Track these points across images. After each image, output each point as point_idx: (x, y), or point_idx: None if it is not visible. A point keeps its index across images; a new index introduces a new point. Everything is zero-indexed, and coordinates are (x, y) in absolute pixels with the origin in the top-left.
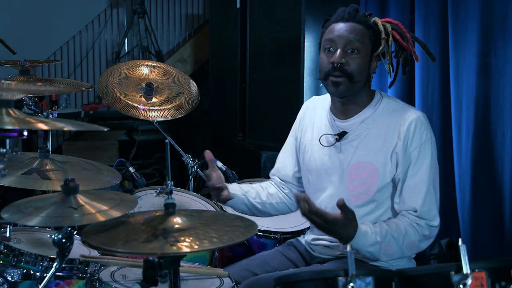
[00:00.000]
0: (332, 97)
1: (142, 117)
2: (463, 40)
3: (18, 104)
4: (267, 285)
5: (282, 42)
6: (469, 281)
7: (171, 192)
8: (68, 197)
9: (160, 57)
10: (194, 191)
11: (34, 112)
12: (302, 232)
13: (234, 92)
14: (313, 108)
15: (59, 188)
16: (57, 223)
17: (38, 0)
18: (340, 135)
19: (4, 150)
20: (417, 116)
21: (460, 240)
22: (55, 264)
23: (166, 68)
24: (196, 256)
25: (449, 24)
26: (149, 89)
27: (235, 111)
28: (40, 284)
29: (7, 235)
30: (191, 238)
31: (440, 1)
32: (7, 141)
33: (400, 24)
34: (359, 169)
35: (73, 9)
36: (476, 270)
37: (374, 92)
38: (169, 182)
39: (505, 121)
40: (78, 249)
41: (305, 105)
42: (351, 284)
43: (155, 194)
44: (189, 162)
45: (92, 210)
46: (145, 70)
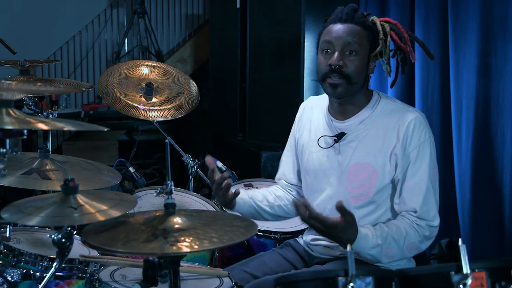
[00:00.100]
0: (330, 97)
1: (142, 117)
2: (463, 40)
3: (18, 104)
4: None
5: (282, 42)
6: (469, 281)
7: (171, 192)
8: (68, 197)
9: (160, 57)
10: (194, 191)
11: (34, 112)
12: (301, 232)
13: (234, 92)
14: (310, 109)
15: (59, 188)
16: (57, 223)
17: (38, 0)
18: (339, 136)
19: (4, 150)
20: (415, 116)
21: (460, 240)
22: (54, 264)
23: (166, 68)
24: (196, 256)
25: (449, 24)
26: (149, 89)
27: (235, 111)
28: (40, 284)
29: (7, 235)
30: (191, 238)
31: (440, 1)
32: (7, 141)
33: (398, 24)
34: (358, 171)
35: (73, 9)
36: (476, 270)
37: (372, 92)
38: (169, 182)
39: (505, 121)
40: (78, 249)
41: (302, 105)
42: (351, 284)
43: (155, 194)
44: (189, 162)
45: (92, 210)
46: (145, 70)
